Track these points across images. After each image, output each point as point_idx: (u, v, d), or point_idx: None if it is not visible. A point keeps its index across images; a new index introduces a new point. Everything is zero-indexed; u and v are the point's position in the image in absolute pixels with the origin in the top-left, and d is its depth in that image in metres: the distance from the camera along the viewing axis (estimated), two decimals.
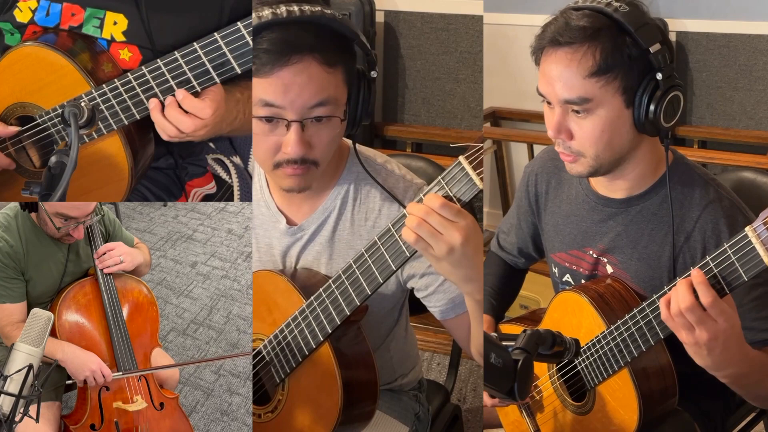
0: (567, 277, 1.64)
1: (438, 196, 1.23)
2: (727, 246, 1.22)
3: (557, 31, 1.36)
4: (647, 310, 1.38)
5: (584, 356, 1.50)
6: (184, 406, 2.02)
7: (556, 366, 1.58)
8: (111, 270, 1.93)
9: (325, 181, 1.50)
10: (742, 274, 1.21)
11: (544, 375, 1.61)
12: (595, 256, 1.57)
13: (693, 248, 1.44)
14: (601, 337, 1.46)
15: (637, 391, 1.44)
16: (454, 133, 3.65)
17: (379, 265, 1.34)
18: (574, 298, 1.52)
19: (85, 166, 1.50)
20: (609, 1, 1.35)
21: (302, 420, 1.49)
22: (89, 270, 1.98)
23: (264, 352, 1.52)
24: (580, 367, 1.52)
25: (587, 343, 1.49)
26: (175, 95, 1.44)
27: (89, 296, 1.90)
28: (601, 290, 1.51)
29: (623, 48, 1.34)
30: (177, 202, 4.16)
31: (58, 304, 1.85)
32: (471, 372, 2.96)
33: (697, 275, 1.24)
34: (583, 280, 1.59)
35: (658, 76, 1.35)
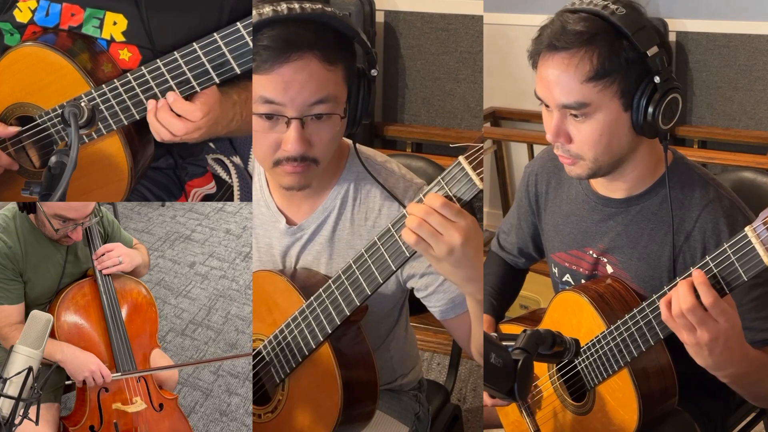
0: (567, 277, 1.64)
1: (439, 196, 1.23)
2: (726, 246, 1.22)
3: (554, 35, 1.36)
4: (647, 310, 1.38)
5: (584, 356, 1.50)
6: (183, 407, 2.01)
7: (556, 366, 1.58)
8: (110, 271, 1.92)
9: (325, 181, 1.50)
10: (742, 274, 1.21)
11: (544, 375, 1.60)
12: (595, 256, 1.57)
13: (693, 248, 1.44)
14: (601, 337, 1.46)
15: (637, 391, 1.44)
16: (454, 133, 3.64)
17: (378, 265, 1.34)
18: (574, 298, 1.52)
19: (85, 166, 1.50)
20: (606, 3, 1.34)
21: (302, 420, 1.49)
22: (88, 271, 1.98)
23: (264, 353, 1.51)
24: (580, 367, 1.52)
25: (587, 343, 1.48)
26: (166, 98, 1.44)
27: (88, 297, 1.90)
28: (601, 290, 1.51)
29: (620, 52, 1.33)
30: (175, 202, 4.16)
31: (57, 306, 1.85)
32: (471, 372, 2.95)
33: (698, 276, 1.24)
34: (583, 280, 1.59)
35: (656, 80, 1.34)
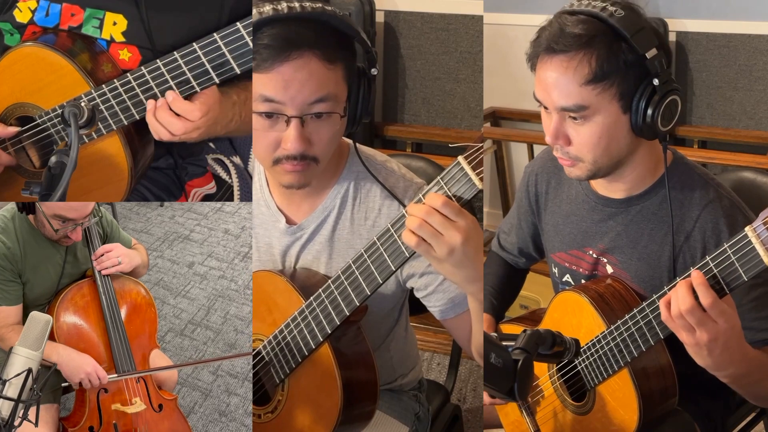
0: (567, 278, 1.64)
1: (440, 196, 1.22)
2: (726, 246, 1.22)
3: (552, 38, 1.35)
4: (647, 310, 1.38)
5: (584, 356, 1.50)
6: (182, 407, 2.01)
7: (556, 366, 1.58)
8: (109, 271, 1.92)
9: (325, 180, 1.50)
10: (742, 274, 1.21)
11: (544, 375, 1.60)
12: (594, 256, 1.57)
13: (693, 248, 1.44)
14: (601, 337, 1.46)
15: (637, 391, 1.44)
16: (454, 133, 3.64)
17: (378, 265, 1.34)
18: (574, 298, 1.52)
19: (85, 166, 1.50)
20: (604, 5, 1.33)
21: (302, 420, 1.49)
22: (87, 272, 1.98)
23: (264, 353, 1.51)
24: (580, 367, 1.52)
25: (587, 343, 1.48)
26: (165, 97, 1.44)
27: (87, 298, 1.90)
28: (601, 290, 1.51)
29: (619, 54, 1.33)
30: (173, 203, 4.16)
31: (56, 306, 1.84)
32: (471, 372, 2.95)
33: (696, 276, 1.23)
34: (583, 280, 1.59)
35: (655, 82, 1.34)
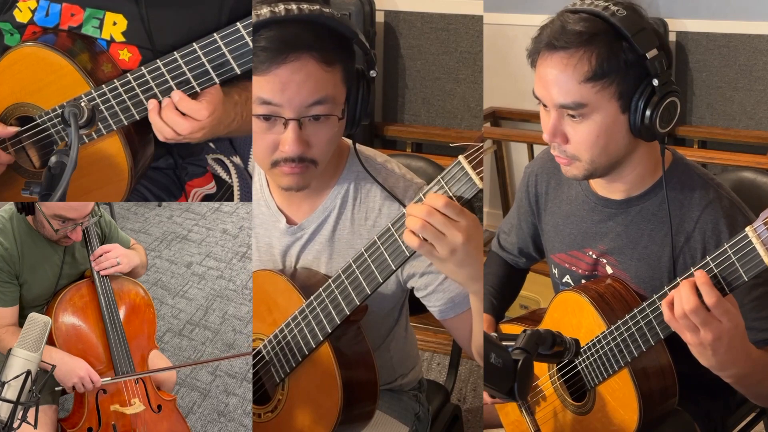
0: (567, 278, 1.64)
1: (441, 196, 1.22)
2: (727, 246, 1.22)
3: (553, 34, 1.35)
4: (647, 311, 1.38)
5: (584, 356, 1.50)
6: (181, 408, 2.01)
7: (556, 366, 1.58)
8: (107, 272, 1.91)
9: (325, 181, 1.50)
10: (743, 274, 1.21)
11: (544, 375, 1.60)
12: (594, 257, 1.57)
13: (693, 249, 1.44)
14: (601, 337, 1.46)
15: (637, 391, 1.44)
16: (454, 133, 3.64)
17: (378, 264, 1.34)
18: (575, 298, 1.52)
19: (85, 166, 1.50)
20: (606, 4, 1.34)
21: (302, 420, 1.49)
22: (85, 272, 1.97)
23: (264, 352, 1.51)
24: (580, 367, 1.52)
25: (587, 343, 1.48)
26: (171, 97, 1.44)
27: (86, 299, 1.89)
28: (601, 290, 1.51)
29: (619, 53, 1.33)
30: (171, 202, 4.15)
31: (55, 307, 1.84)
32: (471, 372, 2.95)
33: (700, 276, 1.23)
34: (583, 281, 1.59)
35: (655, 82, 1.34)
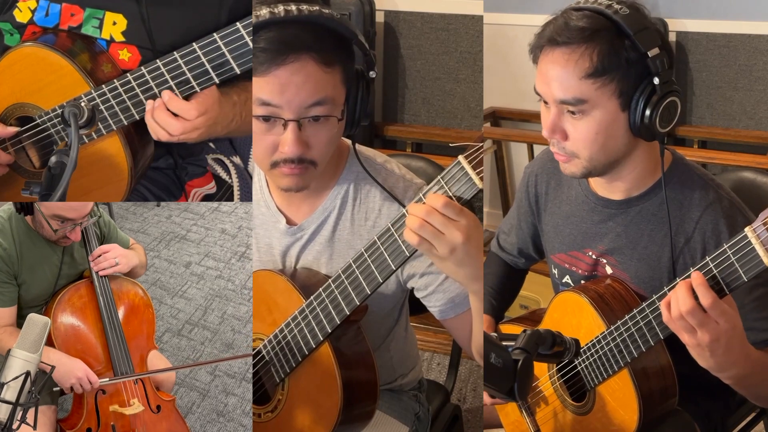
0: (567, 279, 1.64)
1: (440, 196, 1.22)
2: (726, 246, 1.22)
3: (556, 30, 1.36)
4: (647, 311, 1.38)
5: (584, 356, 1.50)
6: (180, 408, 2.00)
7: (556, 366, 1.58)
8: (106, 272, 1.91)
9: (325, 181, 1.50)
10: (742, 274, 1.21)
11: (544, 375, 1.60)
12: (594, 257, 1.57)
13: (693, 249, 1.44)
14: (601, 337, 1.46)
15: (637, 392, 1.44)
16: (454, 133, 3.65)
17: (378, 264, 1.34)
18: (574, 299, 1.52)
19: (85, 166, 1.50)
20: (610, 3, 1.34)
21: (302, 420, 1.49)
22: (84, 272, 1.97)
23: (264, 352, 1.51)
24: (580, 368, 1.52)
25: (587, 344, 1.48)
26: (162, 96, 1.44)
27: (84, 299, 1.89)
28: (601, 290, 1.51)
29: (621, 51, 1.33)
30: (170, 202, 4.15)
31: (54, 307, 1.83)
32: (471, 372, 2.95)
33: (696, 277, 1.23)
34: (583, 281, 1.59)
35: (656, 81, 1.34)
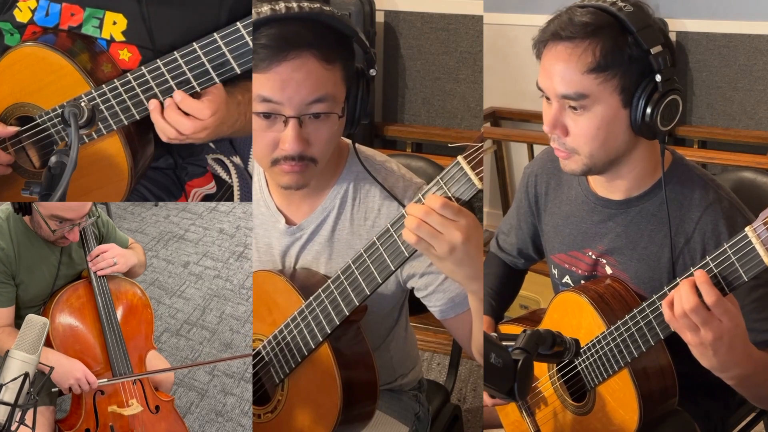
0: (566, 279, 1.64)
1: (439, 197, 1.22)
2: (727, 246, 1.22)
3: (560, 25, 1.37)
4: (647, 311, 1.38)
5: (584, 356, 1.50)
6: (179, 408, 2.00)
7: (556, 366, 1.58)
8: (105, 272, 1.90)
9: (325, 181, 1.50)
10: (743, 274, 1.21)
11: (544, 375, 1.60)
12: (594, 258, 1.57)
13: (693, 249, 1.44)
14: (601, 337, 1.46)
15: (637, 392, 1.44)
16: (454, 133, 3.65)
17: (377, 265, 1.34)
18: (574, 299, 1.52)
19: (85, 166, 1.50)
20: (614, 0, 1.36)
21: (302, 420, 1.49)
22: (82, 272, 1.96)
23: (263, 353, 1.51)
24: (580, 368, 1.52)
25: (587, 344, 1.48)
26: (173, 96, 1.44)
27: (83, 299, 1.88)
28: (601, 290, 1.51)
29: (624, 47, 1.34)
30: (168, 202, 4.15)
31: (52, 308, 1.83)
32: (471, 372, 2.95)
33: (700, 275, 1.23)
34: (583, 281, 1.59)
35: (657, 78, 1.34)
